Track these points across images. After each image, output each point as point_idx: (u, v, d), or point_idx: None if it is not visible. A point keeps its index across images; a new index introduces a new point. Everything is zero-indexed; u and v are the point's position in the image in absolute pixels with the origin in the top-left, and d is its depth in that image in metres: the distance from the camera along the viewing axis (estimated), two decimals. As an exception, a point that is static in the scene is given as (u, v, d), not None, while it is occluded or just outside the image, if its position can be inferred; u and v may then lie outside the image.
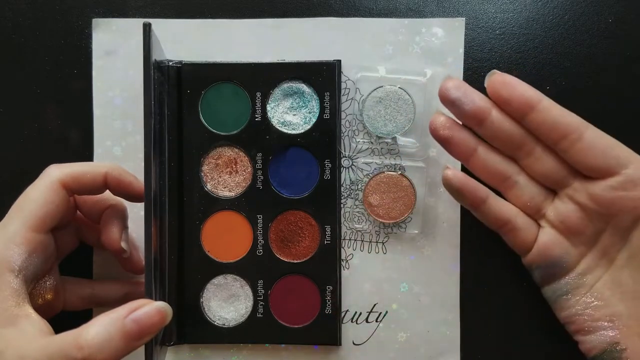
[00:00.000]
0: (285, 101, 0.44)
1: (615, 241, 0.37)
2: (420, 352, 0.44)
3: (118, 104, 0.45)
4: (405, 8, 0.44)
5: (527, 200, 0.39)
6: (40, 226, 0.37)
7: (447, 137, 0.38)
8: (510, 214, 0.39)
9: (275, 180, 0.44)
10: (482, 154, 0.38)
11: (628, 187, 0.36)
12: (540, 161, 0.38)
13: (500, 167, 0.39)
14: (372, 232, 0.44)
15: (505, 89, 0.37)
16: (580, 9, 0.44)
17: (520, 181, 0.39)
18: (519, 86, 0.37)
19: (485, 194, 0.39)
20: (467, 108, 0.37)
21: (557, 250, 0.38)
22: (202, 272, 0.44)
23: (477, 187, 0.39)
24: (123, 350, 0.33)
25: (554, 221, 0.39)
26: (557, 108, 0.37)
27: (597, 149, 0.36)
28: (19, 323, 0.34)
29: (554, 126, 0.36)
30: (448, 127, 0.38)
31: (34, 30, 0.45)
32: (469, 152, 0.38)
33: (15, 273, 0.35)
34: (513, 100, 0.37)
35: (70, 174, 0.38)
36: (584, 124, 0.37)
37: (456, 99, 0.37)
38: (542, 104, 0.36)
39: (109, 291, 0.43)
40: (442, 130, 0.38)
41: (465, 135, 0.38)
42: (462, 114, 0.38)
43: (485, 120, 0.37)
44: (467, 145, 0.38)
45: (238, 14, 0.45)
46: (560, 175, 0.38)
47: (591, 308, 0.38)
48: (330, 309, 0.44)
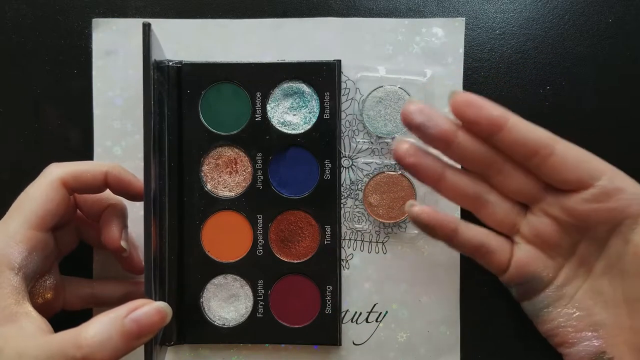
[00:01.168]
0: (285, 101, 0.44)
1: (592, 251, 0.37)
2: (420, 352, 0.44)
3: (118, 104, 0.45)
4: (405, 8, 0.44)
5: (500, 218, 0.38)
6: (41, 224, 0.37)
7: (412, 164, 0.36)
8: (482, 238, 0.38)
9: (275, 180, 0.44)
10: (451, 177, 0.37)
11: (602, 198, 0.35)
12: (511, 178, 0.37)
13: (470, 188, 0.37)
14: (372, 232, 0.44)
15: (470, 110, 0.35)
16: (580, 9, 0.44)
17: (492, 199, 0.38)
18: (484, 106, 0.35)
19: (455, 224, 0.37)
20: (432, 132, 0.35)
21: (534, 265, 0.38)
22: (202, 272, 0.44)
23: (445, 219, 0.37)
24: (122, 349, 0.33)
25: (528, 236, 0.38)
26: (525, 125, 0.35)
27: (569, 163, 0.35)
28: (18, 321, 0.34)
29: (524, 144, 0.35)
30: (412, 154, 0.36)
31: (34, 30, 0.45)
32: (437, 177, 0.37)
33: (15, 271, 0.35)
34: (480, 121, 0.35)
35: (70, 173, 0.38)
36: (554, 138, 0.35)
37: (420, 123, 0.35)
38: (510, 122, 0.35)
39: (109, 291, 0.43)
40: (407, 158, 0.36)
41: (431, 160, 0.37)
42: (428, 139, 0.36)
43: (451, 143, 0.36)
44: (435, 170, 0.37)
45: (238, 14, 0.45)
46: (532, 190, 0.37)
47: (574, 319, 0.37)
48: (330, 309, 0.44)
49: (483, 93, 0.44)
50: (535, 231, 0.37)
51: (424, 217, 0.37)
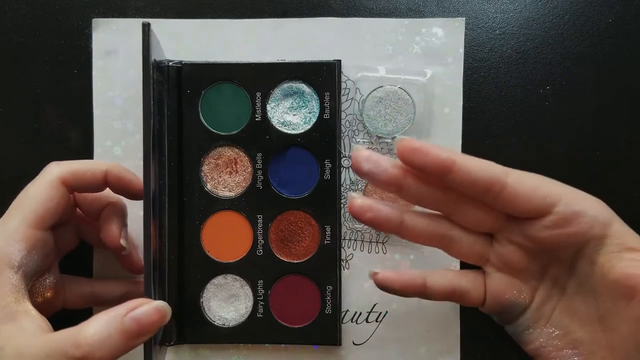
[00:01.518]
0: (285, 101, 0.44)
1: (562, 272, 0.37)
2: (420, 352, 0.44)
3: (118, 104, 0.45)
4: (405, 8, 0.44)
5: (467, 252, 0.38)
6: (40, 223, 0.37)
7: (370, 219, 0.36)
8: (453, 283, 0.38)
9: (275, 180, 0.44)
10: (410, 222, 0.37)
11: (561, 224, 0.35)
12: (470, 213, 0.37)
13: (431, 229, 0.37)
14: (372, 232, 0.44)
15: (416, 156, 0.35)
16: (580, 9, 0.44)
17: (455, 236, 0.38)
18: (429, 151, 0.34)
19: (422, 278, 0.38)
20: (380, 179, 0.36)
21: (509, 292, 0.38)
22: (202, 272, 0.44)
23: (411, 278, 0.38)
24: (122, 348, 0.33)
25: (498, 265, 0.38)
26: (473, 163, 0.35)
27: (523, 195, 0.35)
28: (18, 320, 0.34)
29: (474, 182, 0.35)
30: (367, 209, 0.36)
31: (34, 30, 0.45)
32: (397, 225, 0.37)
33: (15, 269, 0.35)
34: (426, 167, 0.35)
35: (70, 172, 0.38)
36: (504, 171, 0.35)
37: (368, 171, 0.36)
38: (457, 164, 0.34)
39: (109, 290, 0.43)
40: (364, 215, 0.36)
41: (387, 210, 0.37)
42: (378, 184, 0.37)
43: (402, 187, 0.36)
44: (393, 220, 0.37)
45: (238, 14, 0.45)
46: (493, 222, 0.37)
47: (554, 338, 0.37)
48: (330, 309, 0.44)
49: (483, 93, 0.44)
50: (503, 259, 0.37)
51: (389, 283, 0.38)
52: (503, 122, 0.44)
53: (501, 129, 0.44)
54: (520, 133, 0.44)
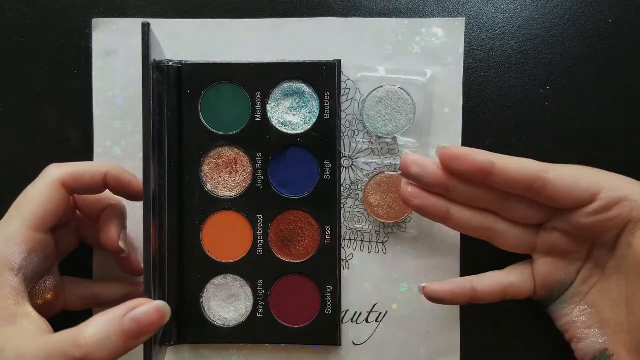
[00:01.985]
0: (285, 101, 0.44)
1: (604, 253, 0.38)
2: (420, 352, 0.44)
3: (118, 104, 0.45)
4: (405, 8, 0.44)
5: (514, 243, 0.40)
6: (40, 225, 0.37)
7: (418, 206, 0.39)
8: (501, 281, 0.40)
9: (275, 180, 0.44)
10: (456, 214, 0.39)
11: (603, 210, 0.36)
12: (514, 210, 0.39)
13: (477, 222, 0.39)
14: (372, 232, 0.44)
15: (456, 163, 0.37)
16: (580, 9, 0.44)
17: (501, 229, 0.40)
18: (469, 157, 0.37)
19: (469, 284, 0.40)
20: (428, 181, 0.38)
21: (557, 275, 0.40)
22: (202, 272, 0.44)
23: (458, 287, 0.40)
24: (121, 349, 0.33)
25: (545, 250, 0.40)
26: (512, 163, 0.37)
27: (565, 189, 0.36)
28: (18, 322, 0.34)
29: (516, 182, 0.37)
30: (417, 196, 0.39)
31: (34, 30, 0.45)
32: (444, 215, 0.39)
33: (15, 272, 0.35)
34: (467, 172, 0.37)
35: (70, 173, 0.38)
36: (542, 167, 0.37)
37: (416, 174, 0.38)
38: (497, 166, 0.37)
39: (109, 291, 0.43)
40: (413, 201, 0.39)
41: (435, 201, 0.39)
42: (426, 186, 0.39)
43: (448, 189, 0.38)
44: (439, 209, 0.39)
45: (238, 14, 0.45)
46: (537, 215, 0.39)
47: (584, 315, 0.39)
48: (330, 309, 0.44)
49: (483, 93, 0.44)
50: (550, 245, 0.39)
51: (437, 295, 0.40)
52: (503, 122, 0.44)
53: (501, 129, 0.44)
54: (520, 133, 0.44)
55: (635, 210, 0.36)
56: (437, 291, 0.40)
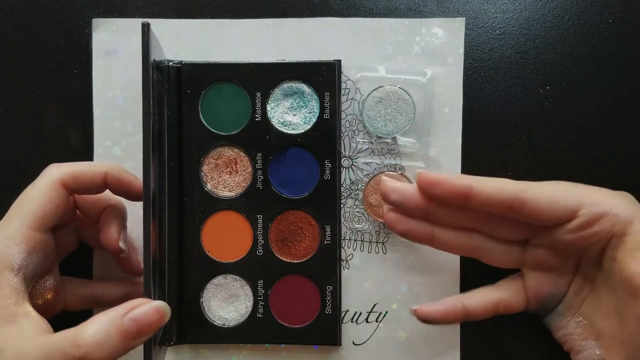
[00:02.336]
0: (285, 101, 0.44)
1: (591, 267, 0.38)
2: (420, 352, 0.44)
3: (118, 104, 0.45)
4: (405, 8, 0.44)
5: (501, 259, 0.40)
6: (40, 225, 0.37)
7: (403, 231, 0.40)
8: (492, 298, 0.40)
9: (275, 180, 0.44)
10: (441, 235, 0.40)
11: (585, 227, 0.36)
12: (498, 229, 0.39)
13: (463, 242, 0.40)
14: (372, 232, 0.44)
15: (433, 189, 0.37)
16: (580, 9, 0.44)
17: (487, 247, 0.40)
18: (446, 182, 0.37)
19: (460, 303, 0.40)
20: (408, 207, 0.39)
21: (547, 287, 0.40)
22: (202, 272, 0.44)
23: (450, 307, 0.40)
24: (121, 348, 0.33)
25: (533, 265, 0.40)
26: (490, 186, 0.37)
27: (544, 207, 0.36)
28: (18, 321, 0.34)
29: (495, 204, 0.37)
30: (399, 222, 0.40)
31: (34, 30, 0.45)
32: (429, 238, 0.40)
33: (15, 271, 0.35)
34: (445, 197, 0.37)
35: (70, 173, 0.38)
36: (520, 187, 0.37)
37: (396, 201, 0.39)
38: (474, 189, 0.37)
39: (109, 291, 0.43)
40: (397, 226, 0.40)
41: (418, 225, 0.40)
42: (407, 212, 0.39)
43: (429, 213, 0.39)
44: (424, 233, 0.40)
45: (238, 14, 0.45)
46: (520, 233, 0.39)
47: (580, 327, 0.39)
48: (330, 309, 0.44)
49: (483, 93, 0.44)
50: (537, 261, 0.39)
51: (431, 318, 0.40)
52: (503, 122, 0.44)
53: (501, 129, 0.44)
54: (520, 133, 0.44)
55: (617, 224, 0.36)
56: (428, 313, 0.40)
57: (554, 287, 0.40)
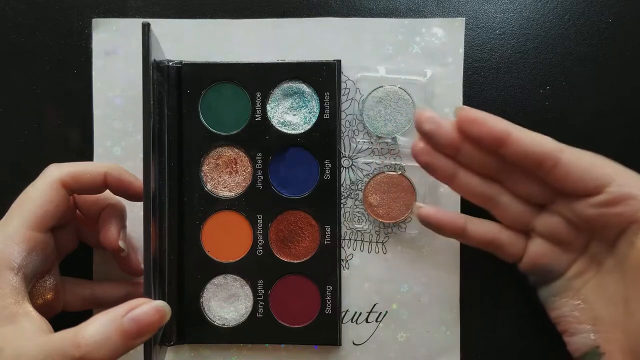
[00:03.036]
0: (285, 101, 0.44)
1: (603, 249, 0.38)
2: (420, 352, 0.44)
3: (118, 104, 0.45)
4: (405, 8, 0.44)
5: (514, 217, 0.39)
6: (40, 225, 0.37)
7: (426, 162, 0.39)
8: (493, 234, 0.39)
9: (275, 180, 0.44)
10: (463, 178, 0.39)
11: (611, 203, 0.35)
12: (521, 184, 0.38)
13: (482, 190, 0.39)
14: (372, 232, 0.44)
15: (472, 126, 0.36)
16: (580, 9, 0.44)
17: (504, 201, 0.39)
18: (486, 122, 0.36)
19: (463, 221, 0.39)
20: (439, 140, 0.38)
21: (548, 258, 0.39)
22: (202, 272, 0.44)
23: (452, 219, 0.39)
24: (121, 348, 0.33)
25: (542, 233, 0.39)
26: (528, 137, 0.36)
27: (576, 173, 0.36)
28: (18, 321, 0.34)
29: (528, 156, 0.36)
30: (426, 153, 0.38)
31: (34, 30, 0.45)
32: (450, 177, 0.39)
33: (15, 271, 0.35)
34: (482, 137, 0.36)
35: (70, 173, 0.38)
36: (559, 147, 0.36)
37: (429, 131, 0.37)
38: (512, 136, 0.36)
39: (109, 292, 0.43)
40: (421, 157, 0.39)
41: (444, 161, 0.38)
42: (436, 146, 0.38)
43: (459, 151, 0.38)
44: (447, 170, 0.38)
45: (238, 14, 0.45)
46: (543, 195, 0.38)
47: (577, 310, 0.38)
48: (330, 309, 0.44)
49: (483, 93, 0.44)
50: (548, 229, 0.38)
51: (431, 219, 0.39)
52: (503, 122, 0.44)
53: (501, 129, 0.44)
54: (520, 133, 0.44)
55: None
56: (428, 215, 0.39)
57: (555, 262, 0.39)
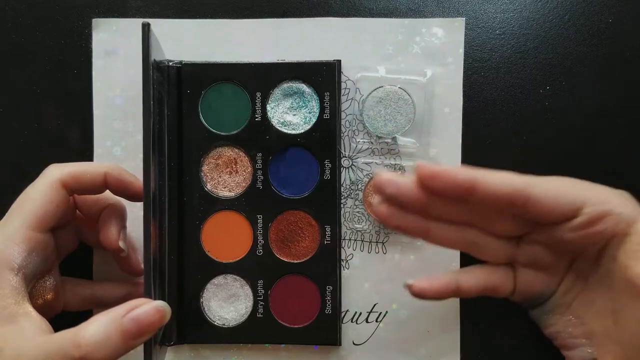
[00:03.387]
0: (285, 101, 0.44)
1: (586, 266, 0.38)
2: (420, 352, 0.44)
3: (118, 104, 0.45)
4: (405, 8, 0.44)
5: (495, 255, 0.39)
6: (40, 225, 0.37)
7: (397, 226, 0.38)
8: (485, 280, 0.39)
9: (275, 180, 0.44)
10: (436, 230, 0.38)
11: (590, 224, 0.35)
12: (495, 224, 0.38)
13: (458, 237, 0.38)
14: (372, 232, 0.44)
15: (434, 182, 0.35)
16: (580, 9, 0.44)
17: (482, 242, 0.39)
18: (447, 175, 0.35)
19: (455, 281, 0.39)
20: (404, 201, 0.37)
21: (537, 286, 0.39)
22: (202, 272, 0.44)
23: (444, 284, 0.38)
24: (121, 348, 0.33)
25: (526, 263, 0.39)
26: (495, 179, 0.35)
27: (548, 203, 0.35)
28: (18, 321, 0.34)
29: (498, 198, 0.35)
30: (394, 216, 0.37)
31: (34, 30, 0.45)
32: (423, 233, 0.38)
33: (15, 271, 0.35)
34: (447, 190, 0.35)
35: (70, 174, 0.38)
36: (525, 182, 0.35)
37: (392, 194, 0.36)
38: (478, 183, 0.35)
39: (109, 292, 0.43)
40: (390, 221, 0.38)
41: (413, 219, 0.38)
42: (403, 206, 0.37)
43: (426, 206, 0.37)
44: (419, 228, 0.38)
45: (238, 14, 0.45)
46: (518, 228, 0.38)
47: (570, 326, 0.39)
48: (330, 309, 0.44)
49: (483, 93, 0.44)
50: (531, 258, 0.38)
51: (425, 294, 0.38)
52: (503, 122, 0.44)
53: (501, 129, 0.44)
54: (520, 133, 0.44)
55: (620, 223, 0.35)
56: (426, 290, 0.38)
57: (544, 287, 0.39)
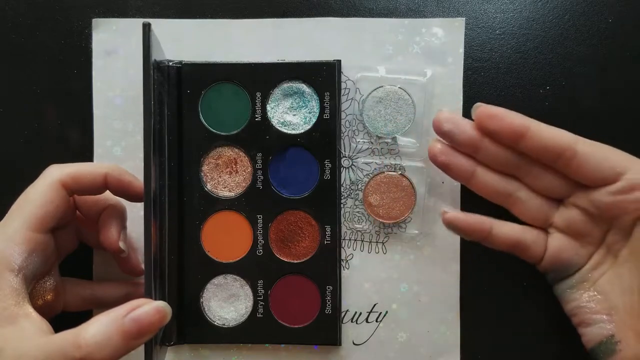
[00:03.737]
0: (285, 101, 0.44)
1: (619, 239, 0.38)
2: (420, 352, 0.44)
3: (118, 104, 0.45)
4: (405, 8, 0.44)
5: (533, 214, 0.40)
6: (40, 226, 0.37)
7: (445, 163, 0.40)
8: (518, 235, 0.40)
9: (275, 180, 0.44)
10: (481, 175, 0.40)
11: (627, 191, 0.37)
12: (539, 178, 0.39)
13: (500, 187, 0.40)
14: (372, 232, 0.44)
15: (491, 122, 0.38)
16: (580, 9, 0.44)
17: (523, 197, 0.40)
18: (505, 118, 0.38)
19: (489, 225, 0.40)
20: (459, 139, 0.39)
21: (567, 254, 0.40)
22: (202, 272, 0.44)
23: (478, 223, 0.40)
24: (122, 349, 0.33)
25: (561, 227, 0.40)
26: (545, 131, 0.37)
27: (592, 163, 0.37)
28: (18, 322, 0.34)
29: (546, 149, 0.37)
30: (445, 153, 0.40)
31: (34, 30, 0.45)
32: (468, 176, 0.40)
33: (15, 272, 0.35)
34: (501, 132, 0.38)
35: (70, 174, 0.38)
36: (574, 139, 0.37)
37: (448, 131, 0.39)
38: (531, 130, 0.37)
39: (109, 292, 0.43)
40: (440, 157, 0.40)
41: (462, 160, 0.39)
42: (456, 145, 0.39)
43: (478, 149, 0.39)
44: (465, 169, 0.40)
45: (238, 14, 0.45)
46: (561, 187, 0.39)
47: (593, 301, 0.39)
48: (330, 309, 0.44)
49: (483, 93, 0.44)
50: (567, 222, 0.39)
51: (458, 223, 0.40)
52: (503, 122, 0.44)
53: (501, 129, 0.44)
54: (520, 133, 0.44)
55: None
56: (459, 220, 0.40)
57: (574, 256, 0.39)
